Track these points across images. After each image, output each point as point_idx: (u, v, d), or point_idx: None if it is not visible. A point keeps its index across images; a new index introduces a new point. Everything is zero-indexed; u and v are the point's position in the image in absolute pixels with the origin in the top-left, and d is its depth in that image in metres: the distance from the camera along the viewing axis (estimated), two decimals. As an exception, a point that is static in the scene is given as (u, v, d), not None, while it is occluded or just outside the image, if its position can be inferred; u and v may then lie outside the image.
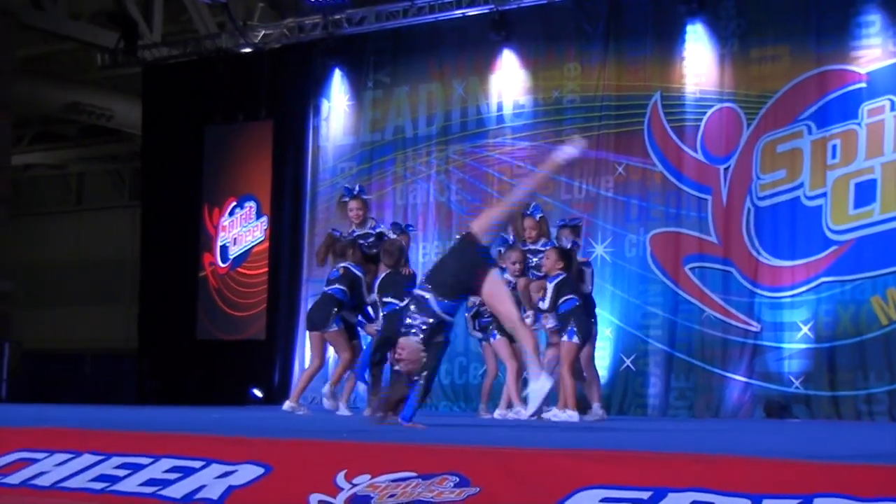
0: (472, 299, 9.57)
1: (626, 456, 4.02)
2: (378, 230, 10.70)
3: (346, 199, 10.78)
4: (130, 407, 13.11)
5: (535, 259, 10.24)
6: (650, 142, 13.45)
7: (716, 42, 13.24)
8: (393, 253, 10.07)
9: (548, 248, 10.08)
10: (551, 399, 9.87)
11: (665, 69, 13.50)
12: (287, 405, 10.74)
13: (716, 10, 13.26)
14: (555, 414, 9.56)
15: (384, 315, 10.05)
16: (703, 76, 13.28)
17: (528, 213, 10.28)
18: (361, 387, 11.30)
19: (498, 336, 9.95)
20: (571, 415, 9.45)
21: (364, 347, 10.68)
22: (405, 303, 9.31)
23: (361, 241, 10.55)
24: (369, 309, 10.50)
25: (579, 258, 10.31)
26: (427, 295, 6.86)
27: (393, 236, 10.46)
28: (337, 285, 10.33)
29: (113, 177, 25.14)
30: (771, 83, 12.89)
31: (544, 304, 9.81)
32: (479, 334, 10.64)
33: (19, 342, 18.15)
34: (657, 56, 13.57)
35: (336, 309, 10.31)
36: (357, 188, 11.10)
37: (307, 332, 10.80)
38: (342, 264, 10.38)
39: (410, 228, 11.26)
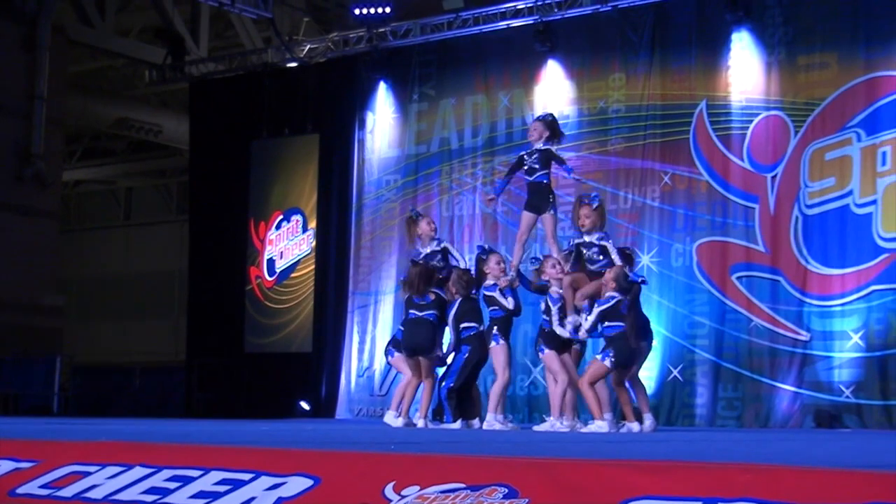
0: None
1: (675, 466, 3.99)
2: (442, 245, 10.78)
3: (416, 217, 10.88)
4: (179, 420, 13.19)
5: (586, 251, 10.05)
6: (696, 151, 13.38)
7: (762, 50, 13.16)
8: (468, 282, 10.26)
9: (602, 241, 9.88)
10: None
11: (710, 78, 13.44)
12: (398, 420, 10.67)
13: (762, 17, 13.19)
14: (599, 425, 9.46)
15: (468, 339, 10.21)
16: (749, 84, 13.21)
17: (587, 201, 10.14)
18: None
19: (546, 350, 9.87)
20: (601, 425, 9.36)
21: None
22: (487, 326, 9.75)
23: (430, 259, 10.64)
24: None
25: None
26: None
27: (455, 253, 10.71)
28: (433, 311, 10.44)
29: (161, 191, 25.37)
30: (819, 90, 12.79)
31: (586, 325, 9.61)
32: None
33: (70, 356, 18.33)
34: (702, 65, 13.52)
35: (435, 334, 10.48)
36: (416, 211, 11.23)
37: (395, 356, 10.80)
38: (433, 290, 10.50)
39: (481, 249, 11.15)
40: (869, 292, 12.19)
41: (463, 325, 10.29)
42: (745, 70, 13.27)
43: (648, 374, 12.97)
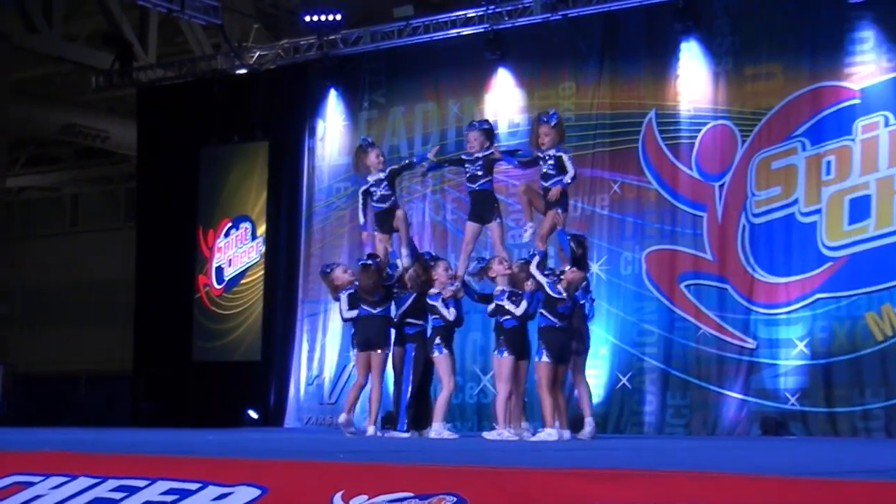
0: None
1: (622, 474, 4.01)
2: (389, 170, 10.77)
3: (367, 146, 10.85)
4: (125, 429, 13.08)
5: (544, 168, 10.07)
6: (645, 160, 13.48)
7: (710, 59, 13.28)
8: (426, 281, 10.30)
9: (560, 154, 9.93)
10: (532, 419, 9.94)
11: (659, 87, 13.54)
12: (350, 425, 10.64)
13: (710, 27, 13.31)
14: (548, 433, 9.46)
15: (413, 336, 10.25)
16: (697, 94, 13.33)
17: (545, 119, 10.15)
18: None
19: (505, 354, 9.85)
20: (550, 433, 9.37)
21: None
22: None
23: (377, 187, 10.69)
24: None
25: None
26: None
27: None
28: (383, 306, 10.45)
29: (108, 198, 25.13)
30: (765, 100, 12.93)
31: (518, 311, 9.73)
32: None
33: (14, 364, 18.11)
34: (651, 74, 13.61)
35: (388, 328, 10.49)
36: (367, 139, 11.22)
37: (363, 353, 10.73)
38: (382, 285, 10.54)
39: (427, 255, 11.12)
40: (813, 300, 12.32)
41: (408, 321, 10.33)
42: (693, 79, 13.38)
43: (597, 381, 13.03)
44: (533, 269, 9.56)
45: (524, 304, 9.65)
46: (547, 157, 10.06)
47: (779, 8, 13.00)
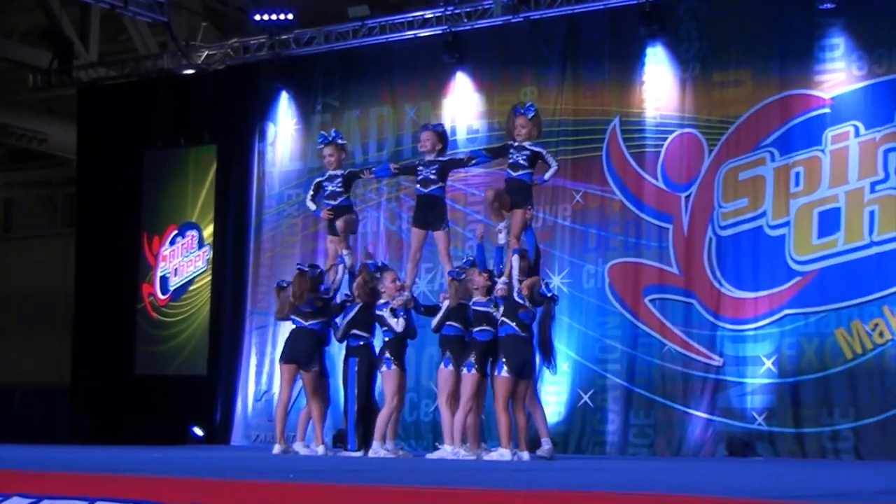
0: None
1: (584, 496, 4.04)
2: (348, 171, 11.18)
3: (321, 145, 11.20)
4: (62, 446, 12.98)
5: (516, 157, 10.18)
6: (609, 168, 13.54)
7: (677, 65, 13.37)
8: (373, 290, 10.42)
9: (539, 150, 10.08)
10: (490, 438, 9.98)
11: (624, 93, 13.61)
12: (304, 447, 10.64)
13: (677, 32, 13.38)
14: (501, 453, 9.48)
15: (356, 350, 10.33)
16: (663, 100, 13.41)
17: (522, 111, 10.26)
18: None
19: (473, 371, 9.86)
20: (503, 453, 9.40)
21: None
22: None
23: (327, 184, 10.99)
24: None
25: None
26: None
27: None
28: (317, 320, 10.53)
29: (45, 203, 24.88)
30: (733, 108, 13.02)
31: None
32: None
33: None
34: (616, 79, 13.68)
35: (316, 345, 10.55)
36: (333, 133, 11.35)
37: (287, 366, 10.79)
38: (320, 297, 10.63)
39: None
40: (781, 316, 12.42)
41: (351, 333, 10.38)
42: (659, 86, 13.45)
43: (556, 398, 13.10)
44: (514, 267, 9.56)
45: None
46: (521, 149, 10.15)
47: (747, 13, 13.09)
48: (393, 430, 10.38)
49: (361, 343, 10.42)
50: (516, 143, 10.24)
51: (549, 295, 9.59)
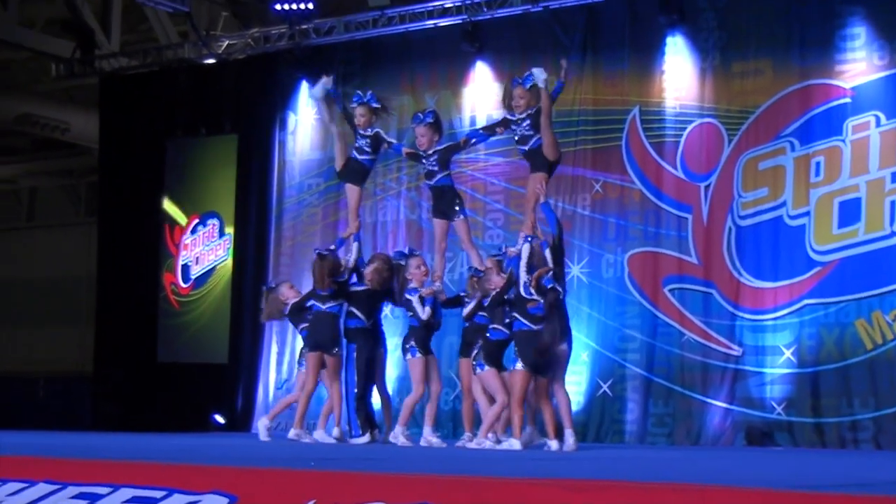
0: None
1: (602, 485, 4.05)
2: (374, 131, 11.16)
3: (355, 104, 11.20)
4: (86, 433, 13.05)
5: (519, 131, 10.17)
6: (628, 158, 13.52)
7: (696, 55, 13.32)
8: (386, 278, 10.52)
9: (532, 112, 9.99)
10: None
11: (644, 83, 13.57)
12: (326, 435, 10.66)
13: (696, 21, 13.33)
14: (510, 443, 9.46)
15: (353, 333, 10.35)
16: (682, 90, 13.36)
17: (520, 81, 10.22)
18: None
19: (486, 368, 9.85)
20: (513, 443, 9.39)
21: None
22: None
23: (358, 139, 11.11)
24: None
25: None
26: None
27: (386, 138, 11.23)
28: (334, 302, 10.56)
29: (68, 192, 24.99)
30: (753, 98, 12.97)
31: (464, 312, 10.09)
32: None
33: (-31, 365, 18.03)
34: (636, 69, 13.64)
35: (336, 327, 10.64)
36: (369, 95, 11.35)
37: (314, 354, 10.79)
38: (336, 280, 10.64)
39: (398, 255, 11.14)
40: (801, 306, 12.38)
41: (352, 312, 10.38)
42: (679, 75, 13.40)
43: (576, 388, 13.08)
44: (523, 259, 9.51)
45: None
46: (521, 121, 10.13)
47: (767, 2, 13.04)
48: (431, 417, 10.39)
49: (360, 327, 10.41)
50: (515, 117, 10.23)
51: (549, 286, 9.37)
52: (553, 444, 9.45)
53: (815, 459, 8.64)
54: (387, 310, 10.99)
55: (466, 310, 10.08)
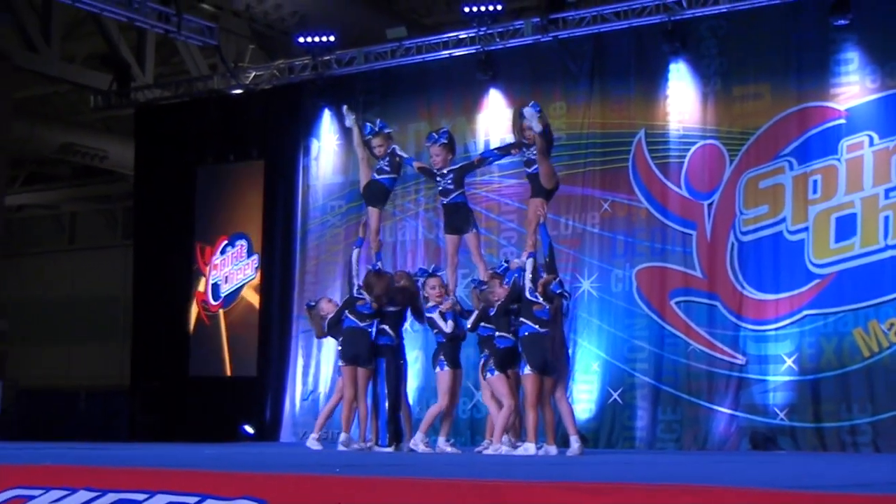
0: None
1: (615, 487, 4.02)
2: (391, 148, 10.97)
3: (368, 136, 10.98)
4: (123, 444, 13.05)
5: (528, 154, 10.11)
6: (635, 178, 13.51)
7: (698, 80, 13.33)
8: (410, 296, 10.42)
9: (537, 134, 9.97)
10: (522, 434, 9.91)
11: (649, 107, 13.58)
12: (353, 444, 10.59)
13: (698, 49, 13.36)
14: (525, 448, 9.40)
15: (383, 350, 10.31)
16: (686, 114, 13.37)
17: (528, 108, 10.12)
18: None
19: (496, 373, 9.82)
20: (528, 447, 9.33)
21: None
22: None
23: (380, 162, 10.94)
24: None
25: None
26: None
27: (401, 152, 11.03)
28: (371, 322, 10.48)
29: (106, 216, 25.13)
30: (753, 120, 12.97)
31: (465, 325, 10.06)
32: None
33: (14, 380, 18.07)
34: (641, 94, 13.66)
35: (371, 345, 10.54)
36: (379, 124, 11.20)
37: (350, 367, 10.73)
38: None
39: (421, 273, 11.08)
40: (801, 317, 12.35)
41: (382, 329, 10.33)
42: (682, 100, 13.42)
43: (588, 396, 13.08)
44: (528, 270, 9.48)
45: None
46: (530, 145, 10.10)
47: (765, 30, 13.05)
48: (447, 426, 10.34)
49: (389, 343, 10.38)
50: (526, 141, 10.21)
51: (558, 291, 9.38)
52: (552, 450, 9.39)
53: (817, 462, 8.59)
54: (406, 324, 10.90)
55: (471, 320, 10.04)
